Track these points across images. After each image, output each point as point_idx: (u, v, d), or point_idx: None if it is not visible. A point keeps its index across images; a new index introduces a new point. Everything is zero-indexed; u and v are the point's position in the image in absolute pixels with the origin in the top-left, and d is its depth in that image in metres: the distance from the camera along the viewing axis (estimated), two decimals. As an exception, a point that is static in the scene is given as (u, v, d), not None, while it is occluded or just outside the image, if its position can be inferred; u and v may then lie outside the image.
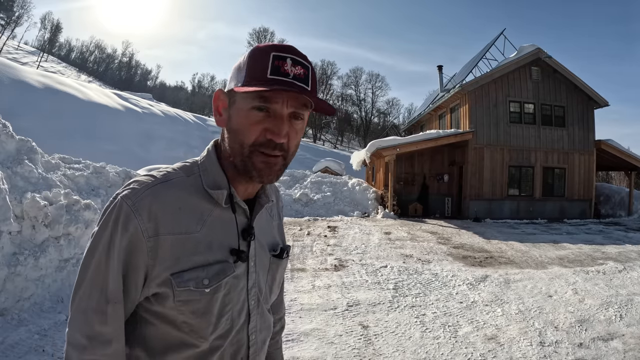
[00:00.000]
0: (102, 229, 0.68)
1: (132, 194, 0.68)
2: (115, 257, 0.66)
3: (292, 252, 6.74)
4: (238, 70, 0.71)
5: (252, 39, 64.49)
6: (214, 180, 0.74)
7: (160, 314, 0.71)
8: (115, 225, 0.66)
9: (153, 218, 0.67)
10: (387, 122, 60.38)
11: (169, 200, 0.69)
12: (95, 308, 0.66)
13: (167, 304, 0.69)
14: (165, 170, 0.74)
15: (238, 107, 0.70)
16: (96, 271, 0.67)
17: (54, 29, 66.80)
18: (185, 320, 0.70)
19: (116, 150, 24.40)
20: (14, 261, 3.62)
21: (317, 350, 3.14)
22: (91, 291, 0.67)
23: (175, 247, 0.68)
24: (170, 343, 0.71)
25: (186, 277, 0.68)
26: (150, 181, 0.70)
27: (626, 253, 7.05)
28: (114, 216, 0.67)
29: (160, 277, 0.68)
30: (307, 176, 14.97)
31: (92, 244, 0.68)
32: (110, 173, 6.58)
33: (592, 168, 14.05)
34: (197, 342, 0.71)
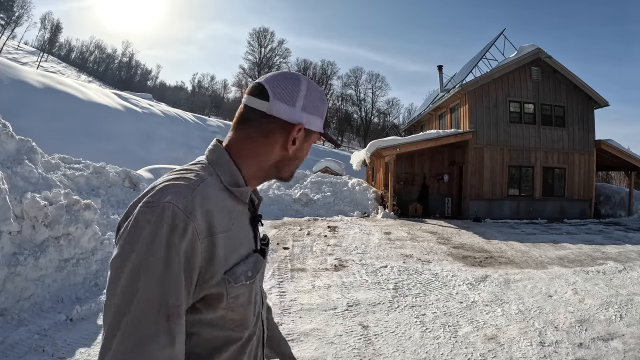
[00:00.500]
0: (151, 239, 0.62)
1: (179, 197, 0.66)
2: (176, 265, 0.62)
3: (292, 252, 6.74)
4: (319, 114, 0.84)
5: (252, 39, 64.50)
6: (234, 179, 0.77)
7: (206, 320, 0.70)
8: (172, 232, 0.62)
9: (205, 218, 0.67)
10: (387, 122, 60.40)
11: (213, 199, 0.71)
12: (157, 331, 0.59)
13: (220, 304, 0.70)
14: (189, 171, 0.74)
15: (309, 143, 0.85)
16: (155, 287, 0.60)
17: (54, 29, 66.81)
18: (232, 317, 0.73)
19: (116, 150, 24.39)
20: (14, 261, 3.62)
21: (317, 350, 3.14)
22: (150, 313, 0.60)
23: (224, 244, 0.70)
24: (216, 345, 0.73)
25: (237, 272, 0.72)
26: (189, 183, 0.69)
27: (626, 253, 7.06)
28: (166, 222, 0.63)
29: (214, 277, 0.68)
30: (307, 176, 14.97)
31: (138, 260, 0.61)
32: (110, 173, 6.58)
33: (592, 168, 14.05)
34: (241, 334, 0.76)
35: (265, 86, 0.78)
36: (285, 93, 0.78)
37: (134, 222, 0.64)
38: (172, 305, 0.61)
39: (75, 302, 3.83)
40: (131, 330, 0.58)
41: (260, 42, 64.09)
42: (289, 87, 0.79)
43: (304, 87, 0.80)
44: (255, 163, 0.80)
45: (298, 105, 0.79)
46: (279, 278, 5.13)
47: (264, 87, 0.78)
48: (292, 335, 3.39)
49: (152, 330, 0.59)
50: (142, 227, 0.63)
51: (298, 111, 0.79)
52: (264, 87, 0.78)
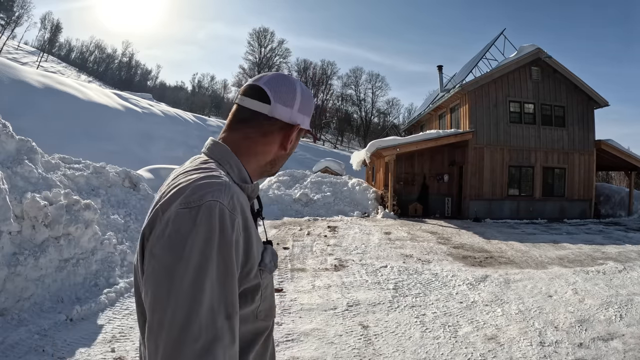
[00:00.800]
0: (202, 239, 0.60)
1: (221, 194, 0.66)
2: (231, 263, 0.63)
3: (292, 252, 6.74)
4: (308, 112, 0.88)
5: (252, 39, 64.40)
6: (241, 176, 0.80)
7: (244, 315, 0.70)
8: (223, 230, 0.62)
9: (240, 213, 0.69)
10: (387, 122, 60.37)
11: (241, 195, 0.74)
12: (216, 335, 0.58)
13: (256, 297, 0.73)
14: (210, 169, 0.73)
15: (298, 139, 0.89)
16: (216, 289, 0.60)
17: (54, 29, 66.78)
18: (263, 307, 0.76)
19: (116, 150, 24.39)
20: (14, 261, 3.62)
21: (317, 350, 3.14)
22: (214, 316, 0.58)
23: (253, 238, 0.73)
24: (250, 339, 0.75)
25: (267, 262, 0.76)
26: (221, 180, 0.69)
27: (626, 253, 7.06)
28: (216, 220, 0.62)
29: (252, 270, 0.71)
30: (307, 176, 14.97)
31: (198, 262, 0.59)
32: (110, 173, 6.58)
33: (592, 168, 14.05)
34: (268, 323, 0.80)
35: (265, 89, 0.82)
36: (285, 96, 0.83)
37: (174, 226, 0.61)
38: (230, 303, 0.62)
39: (75, 302, 3.83)
40: (197, 337, 0.56)
41: (260, 42, 64.09)
42: (287, 90, 0.84)
43: (299, 90, 0.86)
44: (254, 161, 0.84)
45: (295, 107, 0.85)
46: (279, 278, 5.13)
47: (263, 90, 0.82)
48: (292, 335, 3.39)
49: (218, 333, 0.58)
50: (188, 230, 0.61)
51: (295, 112, 0.85)
52: (263, 90, 0.82)
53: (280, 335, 3.39)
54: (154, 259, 0.61)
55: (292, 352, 3.09)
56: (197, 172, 0.72)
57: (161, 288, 0.59)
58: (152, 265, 0.61)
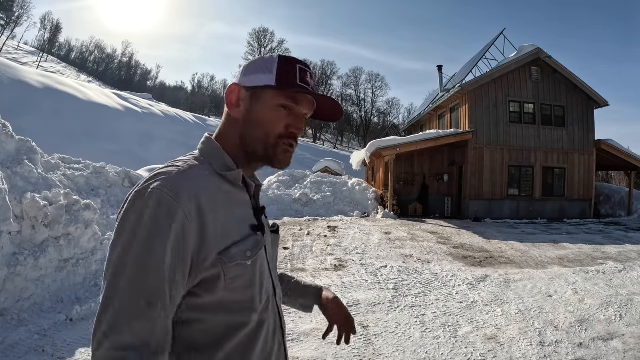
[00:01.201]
0: (138, 223, 0.64)
1: (166, 182, 0.68)
2: (160, 249, 0.64)
3: (292, 252, 6.74)
4: (265, 70, 0.79)
5: (252, 39, 64.45)
6: (224, 163, 0.79)
7: (208, 304, 0.70)
8: (157, 216, 0.64)
9: (193, 200, 0.68)
10: (387, 122, 60.37)
11: (201, 182, 0.72)
12: (137, 315, 0.62)
13: (218, 286, 0.70)
14: (180, 161, 0.76)
15: (266, 102, 0.79)
16: (140, 271, 0.63)
17: (54, 29, 66.79)
18: (236, 299, 0.73)
19: (116, 150, 24.39)
20: (14, 261, 3.62)
21: (317, 350, 3.14)
22: (132, 296, 0.62)
23: (217, 225, 0.71)
24: (221, 332, 0.72)
25: (232, 252, 0.72)
26: (176, 169, 0.72)
27: (626, 253, 7.06)
28: (152, 207, 0.65)
29: (208, 259, 0.69)
30: (307, 176, 14.96)
31: (127, 243, 0.64)
32: (110, 173, 6.58)
33: (592, 168, 14.05)
34: (247, 318, 0.75)
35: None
36: (245, 71, 0.82)
37: (125, 210, 0.67)
38: (154, 288, 0.63)
39: (75, 302, 3.82)
40: (117, 309, 0.61)
41: (260, 42, 64.09)
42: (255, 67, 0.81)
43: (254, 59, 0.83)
44: (232, 144, 0.81)
45: (241, 75, 0.82)
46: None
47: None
48: (292, 335, 3.39)
49: (133, 312, 0.62)
50: (132, 213, 0.66)
51: (240, 79, 0.82)
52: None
53: (280, 335, 3.39)
54: (113, 235, 0.68)
55: (292, 352, 3.09)
56: (168, 163, 0.76)
57: (108, 260, 0.66)
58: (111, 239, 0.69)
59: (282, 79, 0.78)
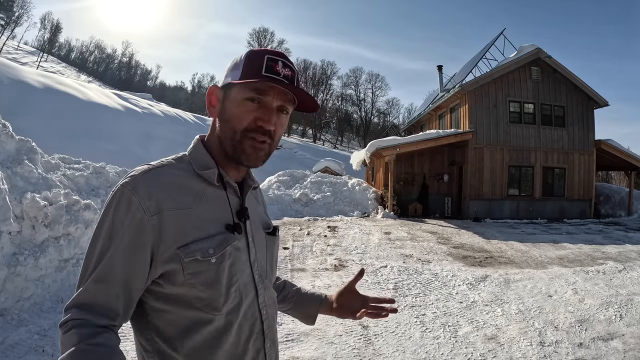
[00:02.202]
0: (105, 215, 0.72)
1: (131, 180, 0.74)
2: (120, 239, 0.70)
3: (292, 252, 6.74)
4: (234, 67, 0.80)
5: (252, 39, 64.43)
6: (203, 163, 0.81)
7: (171, 296, 0.74)
8: (117, 209, 0.71)
9: (154, 197, 0.72)
10: (387, 122, 60.34)
11: (166, 180, 0.76)
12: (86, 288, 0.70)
13: (177, 280, 0.73)
14: (159, 160, 0.81)
15: (232, 98, 0.79)
16: (102, 257, 0.70)
17: (54, 29, 66.76)
18: (196, 294, 0.74)
19: (116, 150, 24.38)
20: (14, 261, 3.62)
21: (317, 350, 3.14)
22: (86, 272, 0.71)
23: (178, 222, 0.73)
24: (186, 325, 0.74)
25: (192, 247, 0.73)
26: (146, 168, 0.77)
27: (626, 253, 7.06)
28: (115, 201, 0.72)
29: (167, 252, 0.72)
30: (307, 176, 14.96)
31: (96, 232, 0.72)
32: (110, 173, 6.58)
33: (592, 168, 14.05)
34: (211, 315, 0.75)
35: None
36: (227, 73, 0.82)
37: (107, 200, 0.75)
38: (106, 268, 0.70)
39: (75, 302, 3.82)
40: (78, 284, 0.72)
41: (260, 42, 64.09)
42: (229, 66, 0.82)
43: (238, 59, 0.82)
44: (214, 145, 0.83)
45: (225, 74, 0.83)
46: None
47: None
48: (292, 335, 3.39)
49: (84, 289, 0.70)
50: (104, 206, 0.74)
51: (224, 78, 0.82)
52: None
53: (280, 335, 3.39)
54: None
55: (292, 352, 3.09)
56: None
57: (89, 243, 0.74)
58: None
59: (246, 72, 0.76)
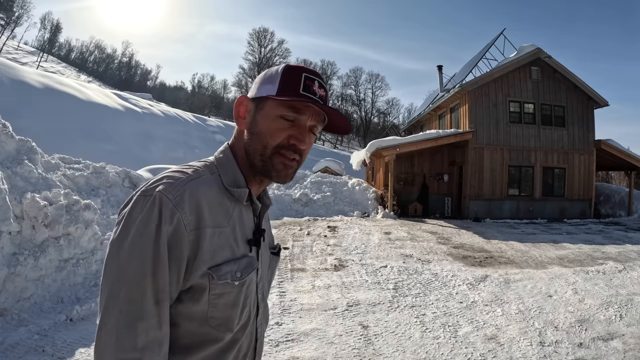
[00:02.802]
0: (142, 224, 0.66)
1: (170, 188, 0.69)
2: (162, 251, 0.66)
3: (292, 252, 6.74)
4: (268, 80, 0.78)
5: (252, 39, 64.40)
6: (234, 179, 0.78)
7: (188, 313, 0.71)
8: (160, 219, 0.66)
9: (194, 211, 0.69)
10: (387, 122, 60.36)
11: (205, 195, 0.72)
12: (144, 312, 0.64)
13: (202, 298, 0.71)
14: (190, 167, 0.76)
15: (266, 113, 0.77)
16: (141, 270, 0.64)
17: (54, 29, 66.73)
18: (214, 315, 0.73)
19: (116, 150, 24.38)
20: (14, 261, 3.62)
21: (317, 350, 3.14)
22: (137, 295, 0.63)
23: (213, 240, 0.71)
24: (193, 341, 0.73)
25: (223, 270, 0.72)
26: (184, 176, 0.72)
27: (626, 253, 7.06)
28: (156, 210, 0.66)
29: (199, 270, 0.70)
30: (307, 176, 14.96)
31: (131, 243, 0.65)
32: (110, 173, 6.58)
33: (592, 168, 14.05)
34: (222, 335, 0.75)
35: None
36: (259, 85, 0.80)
37: (130, 209, 0.68)
38: (160, 290, 0.65)
39: (75, 302, 3.83)
40: (124, 309, 0.63)
41: (260, 42, 64.07)
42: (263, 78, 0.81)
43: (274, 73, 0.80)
44: (240, 157, 0.80)
45: (252, 87, 0.82)
46: (279, 278, 5.13)
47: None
48: (292, 335, 3.39)
49: (142, 312, 0.63)
50: (137, 214, 0.66)
51: (253, 91, 0.81)
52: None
53: (280, 335, 3.39)
54: (113, 233, 0.68)
55: (292, 352, 3.09)
56: (178, 167, 0.76)
57: (109, 259, 0.66)
58: (111, 237, 0.68)
59: (283, 88, 0.76)
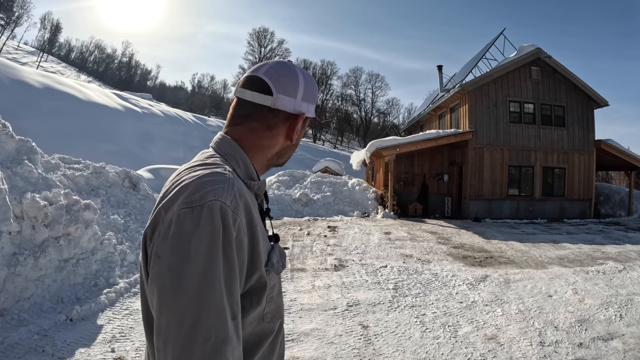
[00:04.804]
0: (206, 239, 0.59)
1: (223, 193, 0.64)
2: (232, 263, 0.61)
3: (292, 252, 6.74)
4: (312, 100, 0.85)
5: (252, 39, 64.41)
6: (248, 172, 0.78)
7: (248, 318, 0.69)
8: (225, 229, 0.61)
9: (246, 212, 0.67)
10: (387, 122, 60.35)
11: (246, 193, 0.71)
12: (228, 334, 0.58)
13: (262, 298, 0.70)
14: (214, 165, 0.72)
15: (304, 128, 0.86)
16: (216, 292, 0.58)
17: (54, 29, 66.73)
18: (268, 309, 0.73)
19: (116, 150, 24.39)
20: (14, 261, 3.62)
21: (317, 350, 3.14)
22: (217, 319, 0.57)
23: (260, 237, 0.70)
24: (252, 343, 0.71)
25: (274, 262, 0.72)
26: (225, 177, 0.67)
27: (626, 253, 7.06)
28: (218, 220, 0.60)
29: (258, 270, 0.68)
30: (307, 176, 14.96)
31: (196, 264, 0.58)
32: (110, 173, 6.58)
33: (592, 168, 14.05)
34: (275, 326, 0.76)
35: (266, 80, 0.78)
36: (287, 85, 0.79)
37: (177, 227, 0.60)
38: (236, 303, 0.61)
39: (75, 302, 3.83)
40: (206, 338, 0.56)
41: (260, 42, 64.05)
42: (289, 79, 0.80)
43: (302, 78, 0.82)
44: (260, 155, 0.81)
45: (299, 96, 0.81)
46: (279, 278, 5.13)
47: (264, 81, 0.78)
48: (292, 335, 3.39)
49: (227, 334, 0.58)
50: (191, 231, 0.59)
51: (299, 102, 0.81)
52: (264, 81, 0.78)
53: (280, 335, 3.39)
54: (159, 260, 0.60)
55: (292, 352, 3.09)
56: (201, 168, 0.70)
57: (168, 289, 0.58)
58: (158, 267, 0.60)
59: (315, 107, 0.87)
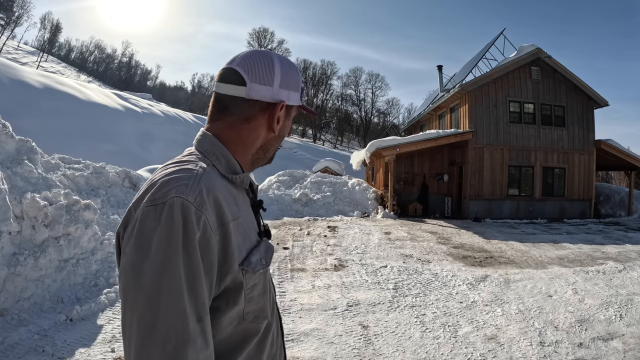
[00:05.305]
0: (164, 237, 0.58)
1: (186, 189, 0.62)
2: (195, 262, 0.59)
3: (292, 252, 6.74)
4: (295, 87, 0.81)
5: (252, 39, 64.47)
6: (229, 166, 0.75)
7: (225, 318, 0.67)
8: (186, 226, 0.59)
9: (215, 209, 0.64)
10: (387, 122, 60.34)
11: (218, 188, 0.67)
12: (190, 336, 0.56)
13: (239, 298, 0.67)
14: (186, 162, 0.70)
15: (290, 117, 0.83)
16: (176, 290, 0.57)
17: (54, 29, 66.74)
18: (250, 309, 0.70)
19: (116, 150, 24.38)
20: (14, 261, 3.62)
21: (317, 350, 3.14)
22: (177, 319, 0.56)
23: (236, 234, 0.67)
24: (234, 343, 0.70)
25: (253, 261, 0.69)
26: (191, 173, 0.65)
27: (626, 253, 7.05)
28: (178, 218, 0.59)
29: (232, 269, 0.65)
30: (307, 176, 14.96)
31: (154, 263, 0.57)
32: (110, 173, 6.58)
33: (592, 168, 14.05)
34: (260, 326, 0.74)
35: (238, 70, 0.75)
36: (262, 74, 0.75)
37: (140, 225, 0.59)
38: (201, 305, 0.59)
39: (75, 302, 3.83)
40: (166, 338, 0.55)
41: (260, 42, 64.07)
42: (263, 66, 0.75)
43: (278, 64, 0.77)
44: (243, 149, 0.77)
45: (276, 83, 0.76)
46: (279, 278, 5.13)
47: (237, 72, 0.75)
48: (292, 335, 3.39)
49: (188, 335, 0.56)
50: (153, 228, 0.58)
51: (277, 89, 0.77)
52: (237, 71, 0.75)
53: (280, 335, 3.39)
54: (124, 258, 0.59)
55: (292, 352, 3.09)
56: (173, 165, 0.69)
57: (130, 288, 0.57)
58: (122, 264, 0.59)
59: (301, 95, 0.83)
